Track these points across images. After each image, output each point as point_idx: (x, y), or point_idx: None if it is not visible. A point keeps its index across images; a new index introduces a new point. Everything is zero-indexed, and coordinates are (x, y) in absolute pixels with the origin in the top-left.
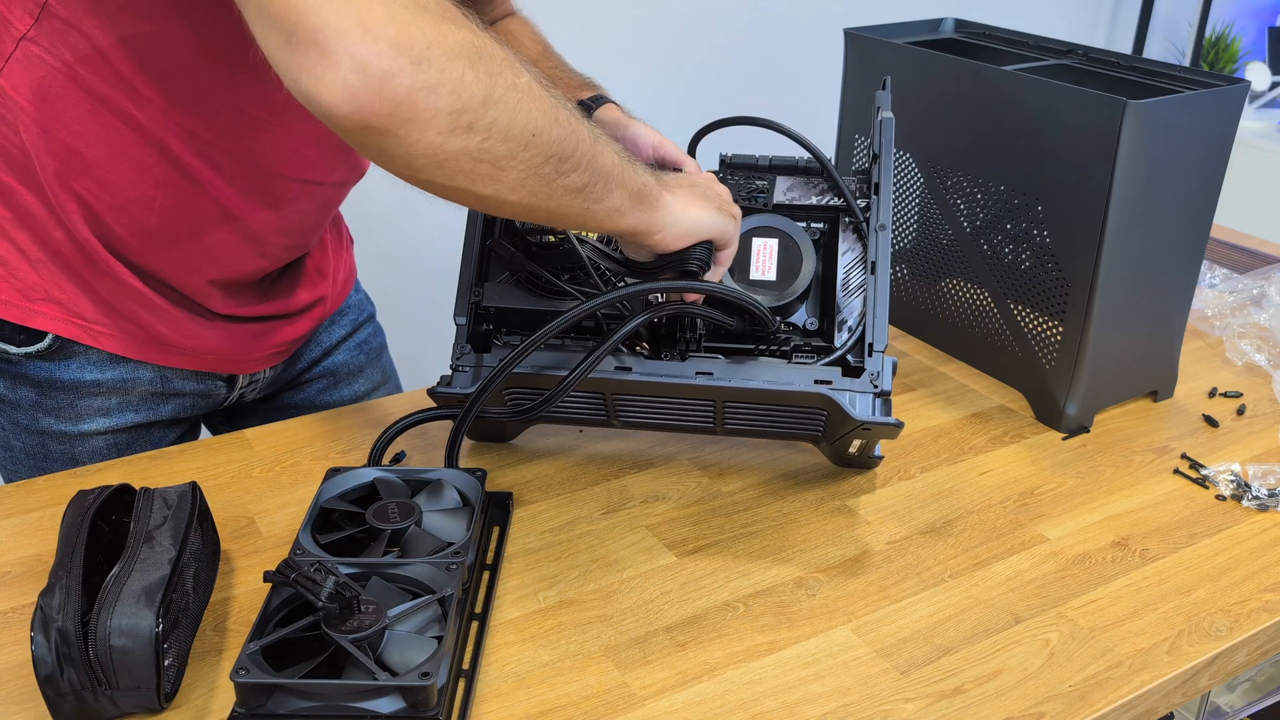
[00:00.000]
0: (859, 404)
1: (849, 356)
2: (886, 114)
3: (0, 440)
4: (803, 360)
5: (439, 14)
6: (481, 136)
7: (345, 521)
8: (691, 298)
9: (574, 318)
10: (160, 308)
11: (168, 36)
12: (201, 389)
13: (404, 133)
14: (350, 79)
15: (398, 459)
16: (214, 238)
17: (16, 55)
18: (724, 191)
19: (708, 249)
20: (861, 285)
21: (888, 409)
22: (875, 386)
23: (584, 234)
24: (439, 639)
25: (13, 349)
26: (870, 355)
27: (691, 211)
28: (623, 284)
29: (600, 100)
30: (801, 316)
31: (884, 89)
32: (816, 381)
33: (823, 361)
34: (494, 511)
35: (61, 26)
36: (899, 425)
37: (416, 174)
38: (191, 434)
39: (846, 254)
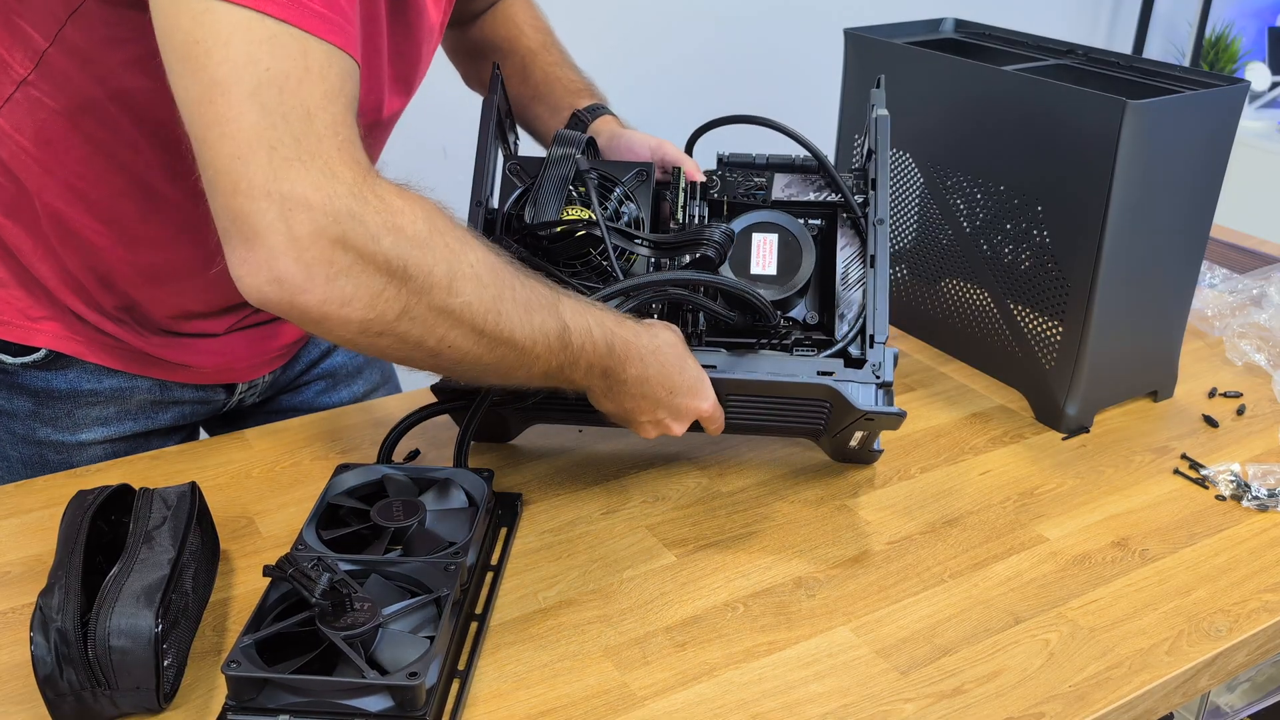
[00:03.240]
0: (861, 395)
1: (850, 349)
2: (881, 111)
3: None
4: (804, 353)
5: (379, 224)
6: (391, 341)
7: (351, 518)
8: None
9: None
10: (151, 335)
11: (164, 94)
12: (200, 396)
13: (314, 327)
14: (265, 289)
15: (412, 456)
16: (218, 274)
17: (17, 97)
18: (683, 396)
19: (727, 234)
20: (861, 279)
21: (890, 399)
22: (877, 377)
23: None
24: (432, 639)
25: (8, 359)
26: (871, 347)
27: (601, 404)
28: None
29: (597, 110)
30: (801, 311)
31: (878, 87)
32: (819, 373)
33: (825, 353)
34: (502, 512)
35: (60, 75)
36: (901, 415)
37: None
38: (190, 441)
39: (845, 249)
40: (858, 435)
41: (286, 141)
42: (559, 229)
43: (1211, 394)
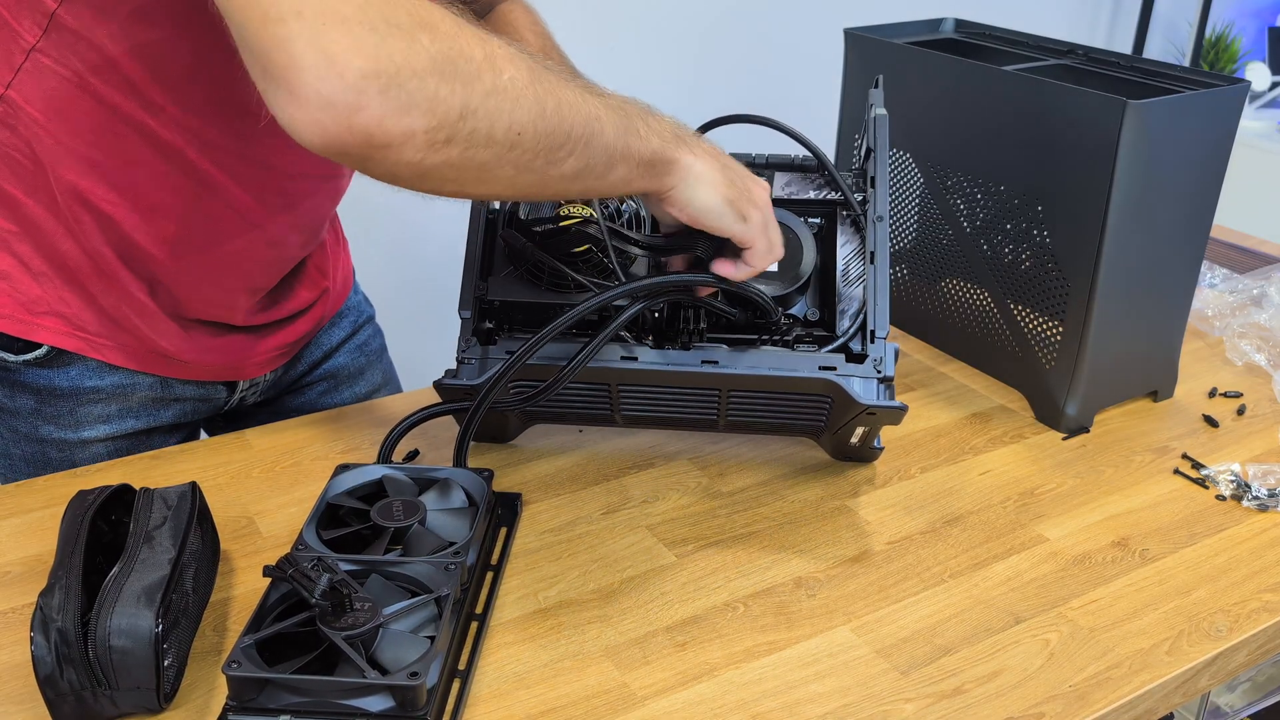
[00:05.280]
0: (863, 389)
1: (851, 345)
2: (880, 110)
3: (0, 448)
4: (806, 349)
5: (412, 25)
6: (462, 147)
7: (351, 518)
8: (705, 292)
9: (586, 310)
10: (164, 323)
11: (174, 44)
12: (202, 394)
13: (381, 155)
14: (319, 115)
15: (411, 456)
16: (235, 244)
17: (27, 67)
18: (754, 188)
19: (721, 243)
20: (861, 276)
21: (891, 394)
22: (879, 372)
23: (595, 217)
24: (433, 639)
25: (10, 356)
26: (872, 342)
27: (700, 192)
28: (631, 279)
29: None
30: (802, 308)
31: (876, 87)
32: (821, 368)
33: (827, 349)
34: (502, 512)
35: (70, 37)
36: (903, 409)
37: (403, 185)
38: (192, 439)
39: (845, 246)
40: (859, 431)
41: None
42: (556, 225)
43: (1211, 394)
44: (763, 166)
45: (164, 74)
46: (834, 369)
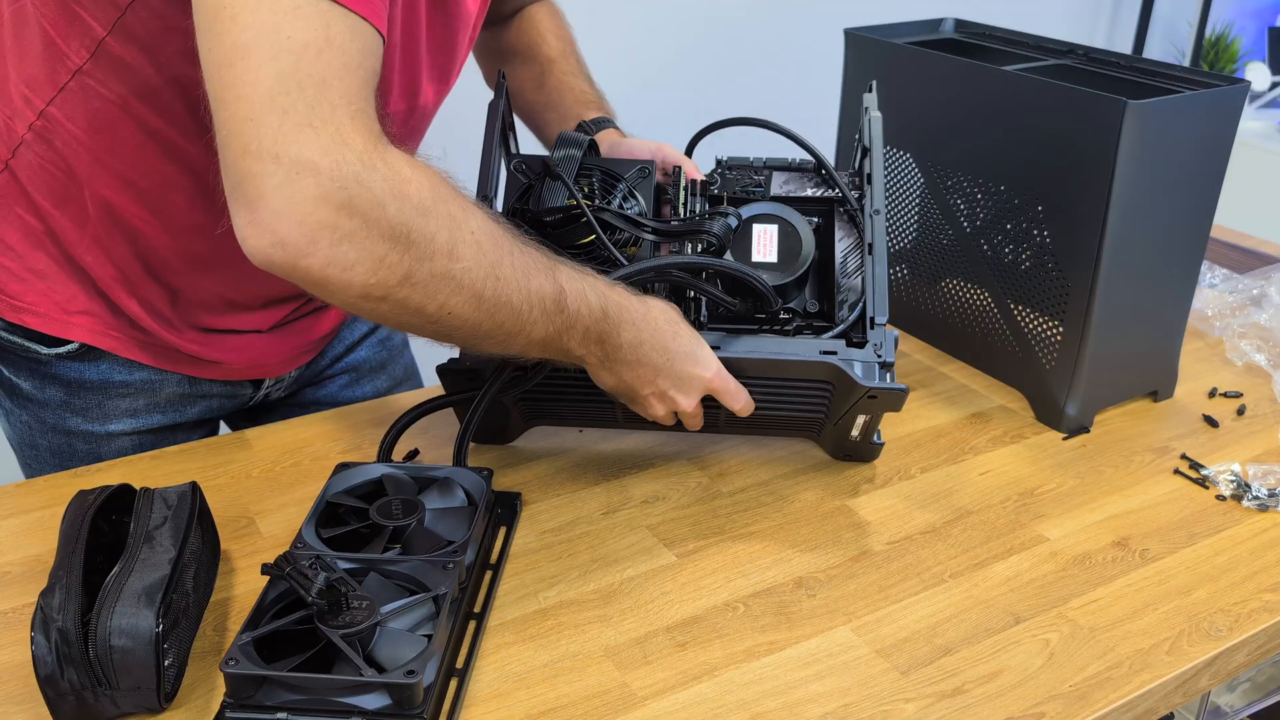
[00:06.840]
0: (864, 372)
1: (851, 334)
2: (875, 113)
3: (27, 439)
4: (805, 338)
5: (384, 189)
6: (392, 306)
7: (350, 516)
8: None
9: None
10: (187, 329)
11: None
12: (229, 391)
13: (315, 288)
14: (269, 251)
15: (411, 456)
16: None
17: (71, 86)
18: (657, 379)
19: (727, 225)
20: (859, 268)
21: (892, 379)
22: (879, 356)
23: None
24: (430, 637)
25: (42, 349)
26: (872, 328)
27: (597, 377)
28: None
29: (602, 123)
30: (801, 302)
31: (870, 91)
32: (822, 352)
33: (827, 335)
34: (501, 511)
35: (117, 63)
36: (905, 390)
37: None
38: (214, 434)
39: (843, 240)
40: (859, 423)
41: (299, 107)
42: (564, 214)
43: (1211, 394)
44: (761, 169)
45: (203, 106)
46: (834, 353)
